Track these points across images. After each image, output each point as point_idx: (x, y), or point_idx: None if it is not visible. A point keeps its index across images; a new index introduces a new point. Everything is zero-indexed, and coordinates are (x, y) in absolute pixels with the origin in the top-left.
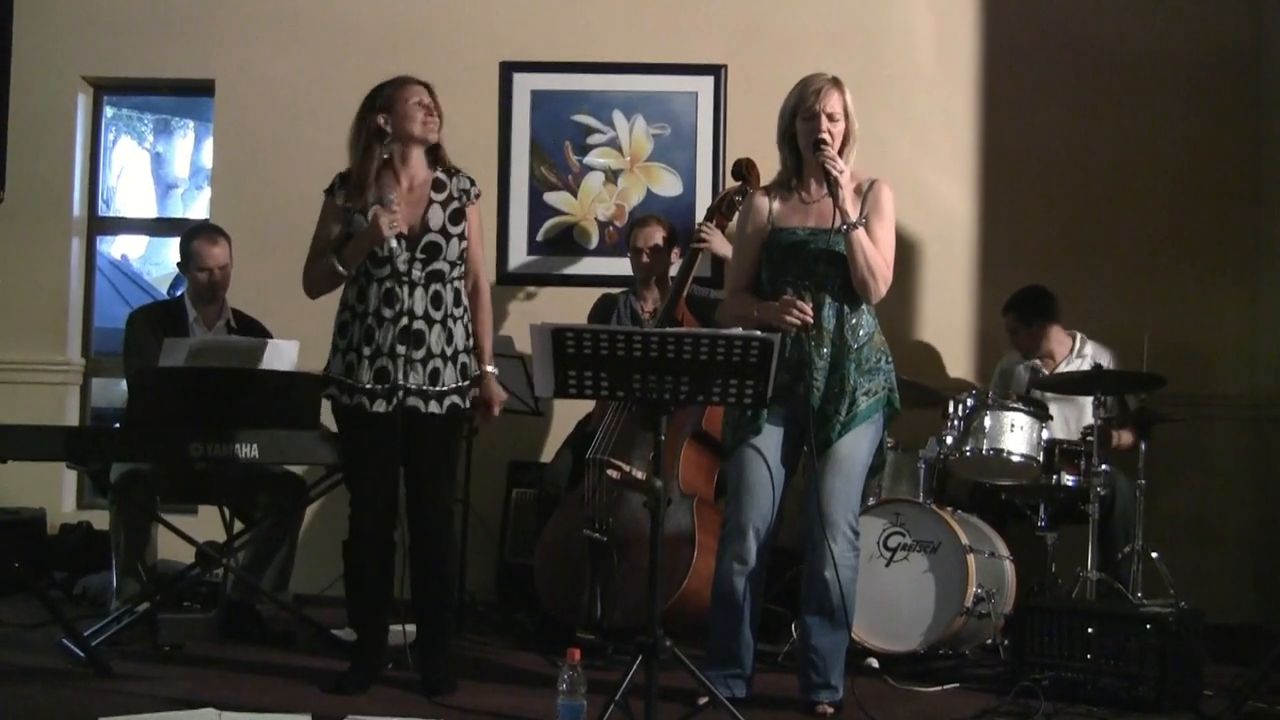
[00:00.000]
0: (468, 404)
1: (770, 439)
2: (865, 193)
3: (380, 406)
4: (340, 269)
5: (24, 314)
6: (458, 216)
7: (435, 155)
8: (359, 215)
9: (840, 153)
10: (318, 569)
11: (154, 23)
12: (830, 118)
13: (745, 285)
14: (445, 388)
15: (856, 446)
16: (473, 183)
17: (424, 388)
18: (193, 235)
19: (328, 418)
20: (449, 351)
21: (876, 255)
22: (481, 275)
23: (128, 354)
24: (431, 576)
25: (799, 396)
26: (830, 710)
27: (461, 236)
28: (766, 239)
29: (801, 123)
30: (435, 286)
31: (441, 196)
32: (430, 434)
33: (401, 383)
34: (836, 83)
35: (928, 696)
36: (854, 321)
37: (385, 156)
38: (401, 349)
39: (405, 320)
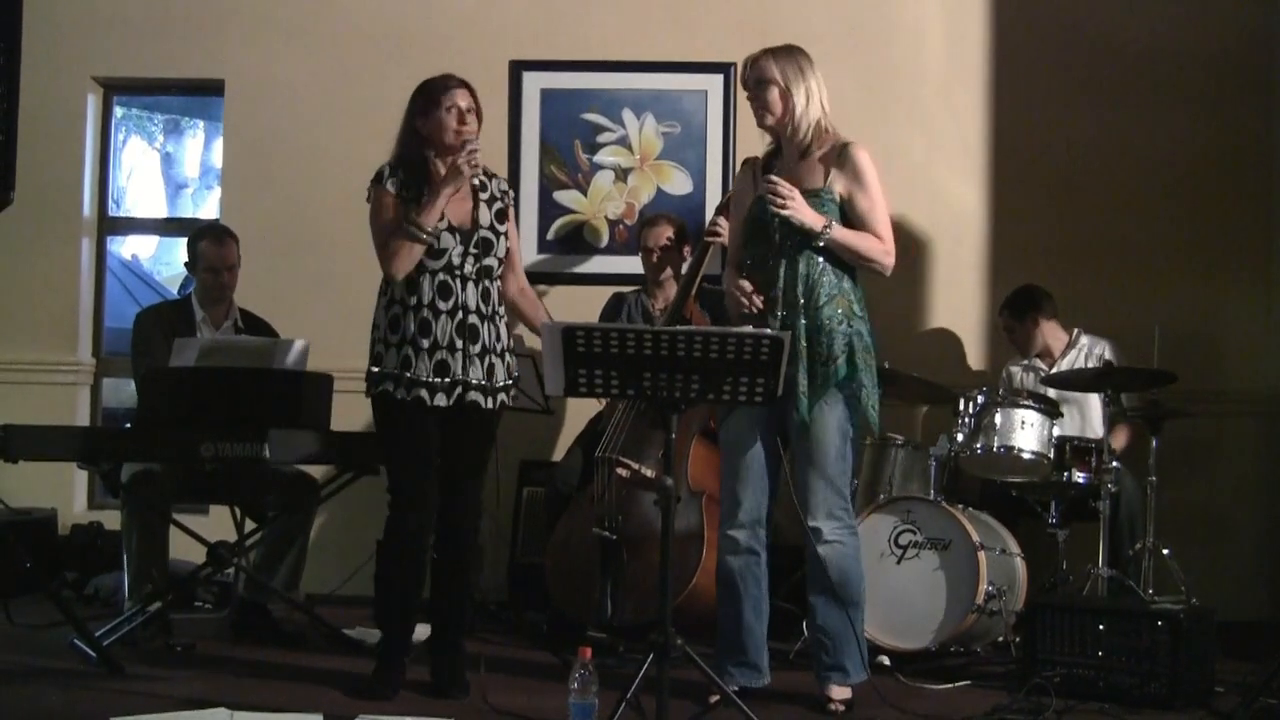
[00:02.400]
0: (509, 401)
1: (755, 412)
2: (837, 159)
3: (441, 400)
4: (421, 228)
5: (35, 314)
6: (502, 216)
7: None
8: (412, 228)
9: (781, 120)
10: (329, 569)
11: (163, 23)
12: (759, 83)
13: (735, 259)
14: (499, 384)
15: (824, 429)
16: (508, 185)
17: (483, 383)
18: (200, 235)
19: (337, 418)
20: (499, 348)
21: (862, 241)
22: (522, 273)
23: (136, 354)
24: (456, 576)
25: None
26: (841, 707)
27: (505, 235)
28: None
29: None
30: (485, 283)
31: (485, 196)
32: (480, 431)
33: (462, 377)
34: (770, 51)
35: (939, 694)
36: (810, 282)
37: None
38: (460, 343)
39: (461, 315)
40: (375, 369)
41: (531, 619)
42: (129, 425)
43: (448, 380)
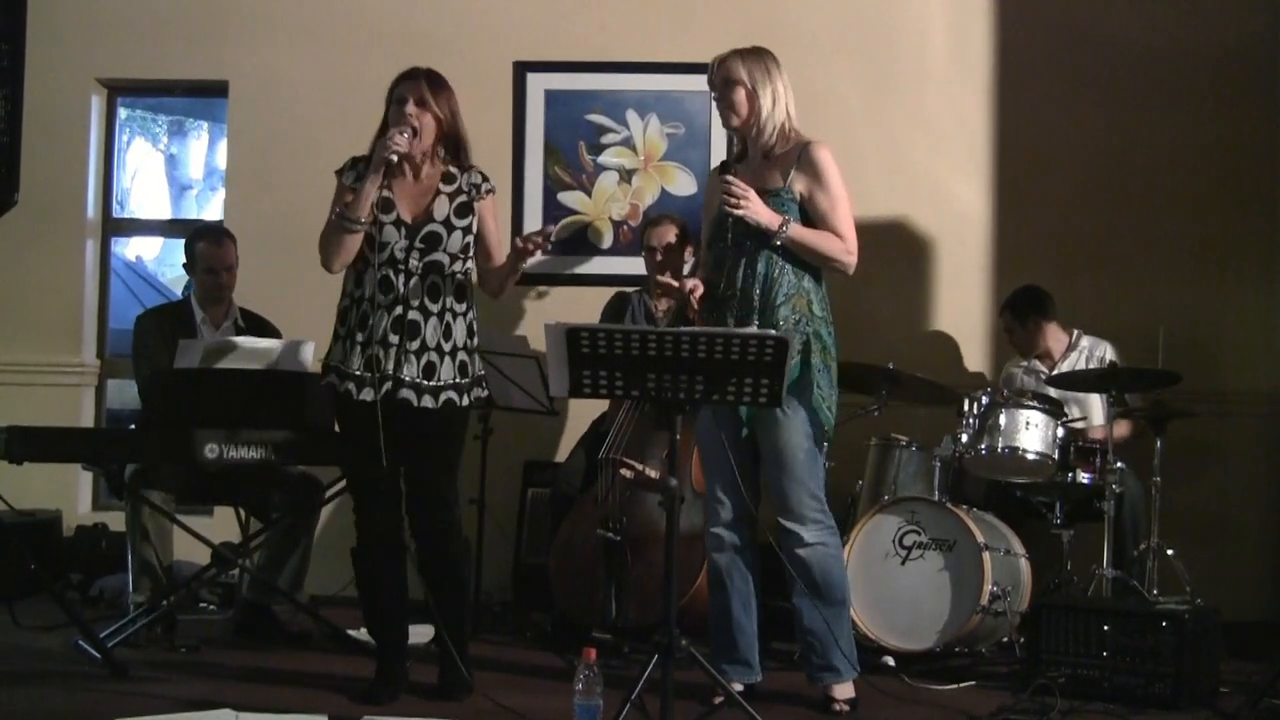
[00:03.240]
0: (466, 402)
1: (722, 413)
2: (798, 158)
3: (368, 395)
4: (349, 218)
5: (39, 316)
6: (464, 210)
7: (454, 148)
8: (342, 219)
9: (746, 121)
10: (333, 569)
11: (167, 24)
12: (726, 82)
13: (705, 259)
14: (441, 383)
15: (789, 432)
16: (485, 179)
17: (417, 380)
18: (198, 236)
19: None
20: (446, 347)
21: (821, 240)
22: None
23: (136, 357)
24: (441, 577)
25: None
26: (846, 707)
27: (466, 230)
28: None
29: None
30: (433, 277)
31: (450, 189)
32: (425, 429)
33: (393, 373)
34: (738, 52)
35: (944, 694)
36: (768, 281)
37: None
38: (394, 338)
39: (400, 309)
40: (324, 360)
41: (536, 620)
42: (133, 427)
43: (376, 375)
